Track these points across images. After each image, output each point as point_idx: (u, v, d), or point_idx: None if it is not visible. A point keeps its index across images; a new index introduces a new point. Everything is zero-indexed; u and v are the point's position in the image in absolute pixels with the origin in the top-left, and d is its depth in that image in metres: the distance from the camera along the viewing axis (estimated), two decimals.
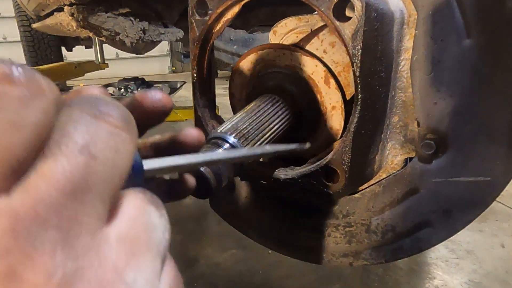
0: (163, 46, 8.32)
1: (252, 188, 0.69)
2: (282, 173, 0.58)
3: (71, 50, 4.45)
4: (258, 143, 0.50)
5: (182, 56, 1.82)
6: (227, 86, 0.66)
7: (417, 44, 0.50)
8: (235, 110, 0.65)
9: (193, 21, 0.58)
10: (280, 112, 0.54)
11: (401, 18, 0.49)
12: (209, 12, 0.56)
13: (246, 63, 0.60)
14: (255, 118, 0.51)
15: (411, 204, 0.56)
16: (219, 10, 0.55)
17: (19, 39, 4.46)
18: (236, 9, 0.57)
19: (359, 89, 0.48)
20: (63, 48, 4.37)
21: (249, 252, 2.38)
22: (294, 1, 0.49)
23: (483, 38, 0.46)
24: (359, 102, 0.48)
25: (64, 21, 1.92)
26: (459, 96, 0.49)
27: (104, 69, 3.91)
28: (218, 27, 0.59)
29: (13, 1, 4.26)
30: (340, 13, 0.46)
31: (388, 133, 0.54)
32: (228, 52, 1.56)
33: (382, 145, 0.54)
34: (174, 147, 0.34)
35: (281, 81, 0.57)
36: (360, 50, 0.45)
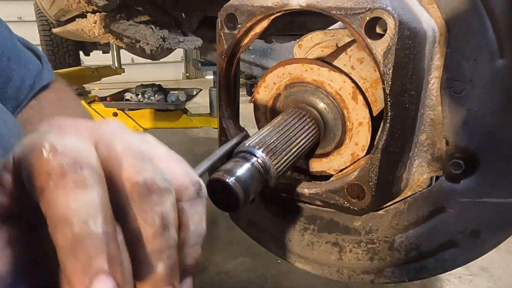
0: (178, 53, 8.43)
1: (273, 201, 0.69)
2: (306, 188, 0.58)
3: (88, 55, 4.54)
4: (285, 157, 0.50)
5: (200, 64, 1.86)
6: (242, 93, 0.66)
7: (449, 62, 0.50)
8: (259, 123, 0.65)
9: (222, 34, 0.58)
10: (306, 127, 0.54)
11: (433, 36, 0.49)
12: (238, 26, 0.56)
13: (273, 77, 0.60)
14: (282, 132, 0.52)
15: (436, 224, 0.55)
16: (248, 24, 0.56)
17: (37, 42, 4.58)
18: (265, 23, 0.57)
19: (389, 107, 0.47)
20: (81, 53, 4.46)
21: (258, 260, 2.38)
22: (314, 12, 0.50)
23: None
24: (388, 120, 0.48)
25: (86, 27, 1.96)
26: (490, 116, 0.49)
27: (120, 74, 3.98)
28: (246, 41, 0.59)
29: (34, 6, 4.37)
30: (371, 31, 0.46)
31: (416, 150, 0.54)
32: (245, 61, 1.57)
33: (409, 163, 0.54)
34: None
35: (308, 96, 0.57)
36: (392, 69, 0.45)
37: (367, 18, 0.46)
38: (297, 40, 0.71)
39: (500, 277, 2.21)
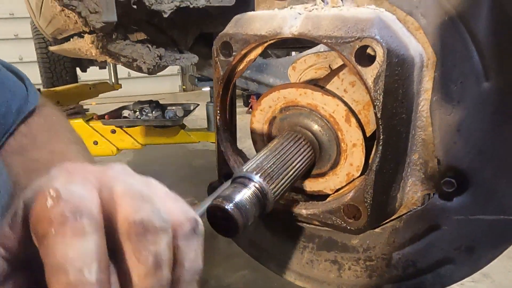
0: (174, 66, 8.48)
1: (273, 220, 0.70)
2: (304, 209, 0.59)
3: (85, 71, 4.57)
4: (282, 180, 0.52)
5: (196, 80, 1.87)
6: (239, 104, 0.67)
7: (437, 85, 0.51)
8: (256, 145, 0.67)
9: (218, 61, 0.60)
10: (302, 150, 0.56)
11: (421, 61, 0.51)
12: (233, 53, 0.58)
13: (268, 100, 0.62)
14: (278, 156, 0.53)
15: (432, 240, 0.57)
16: (243, 52, 0.58)
17: (34, 59, 4.59)
18: (259, 50, 0.59)
19: (381, 130, 0.49)
20: (77, 69, 4.49)
21: (259, 273, 2.36)
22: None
23: (502, 82, 0.47)
24: (380, 142, 0.50)
25: (83, 47, 1.98)
26: (479, 136, 0.50)
27: (117, 89, 4.00)
28: (241, 67, 0.61)
29: (31, 25, 4.41)
30: (361, 58, 0.48)
31: (409, 170, 0.55)
32: (242, 77, 1.59)
33: (403, 183, 0.55)
34: None
35: (302, 119, 0.59)
36: (382, 94, 0.47)
37: (357, 46, 0.47)
38: (292, 56, 0.73)
39: (502, 283, 2.21)
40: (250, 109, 5.73)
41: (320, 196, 0.63)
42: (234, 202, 0.45)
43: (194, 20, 1.84)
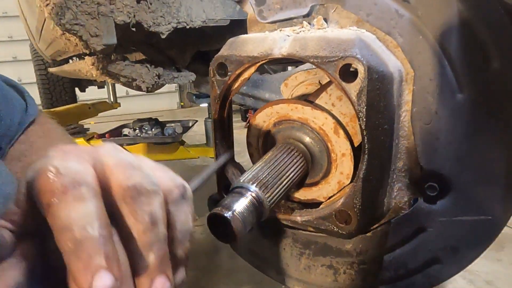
0: (172, 84, 8.55)
1: (270, 228, 0.74)
2: (299, 216, 0.63)
3: (84, 91, 4.62)
4: (277, 189, 0.56)
5: (194, 97, 1.94)
6: (237, 119, 0.72)
7: (416, 97, 0.56)
8: (252, 157, 0.71)
9: (214, 81, 0.65)
10: (295, 160, 0.60)
11: (400, 76, 0.56)
12: (229, 73, 0.63)
13: (262, 116, 0.66)
14: (273, 167, 0.57)
15: (420, 242, 0.60)
16: (237, 72, 0.63)
17: (33, 80, 4.65)
18: (252, 70, 0.64)
19: (366, 141, 0.53)
20: (76, 89, 4.55)
21: (262, 287, 2.36)
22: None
23: (474, 93, 0.52)
24: (366, 152, 0.54)
25: (83, 68, 2.03)
26: (457, 143, 0.55)
27: (116, 108, 4.06)
28: (236, 85, 0.66)
29: (30, 47, 4.48)
30: (345, 75, 0.53)
31: (395, 176, 0.60)
32: (238, 93, 1.64)
33: (389, 188, 0.60)
34: None
35: (295, 132, 0.63)
36: (365, 107, 0.52)
37: (340, 64, 0.52)
38: (286, 71, 0.78)
39: None
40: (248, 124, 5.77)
41: (315, 204, 0.67)
42: (232, 210, 0.49)
43: (191, 40, 1.90)
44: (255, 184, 0.53)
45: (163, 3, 1.47)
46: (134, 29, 1.46)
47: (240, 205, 0.50)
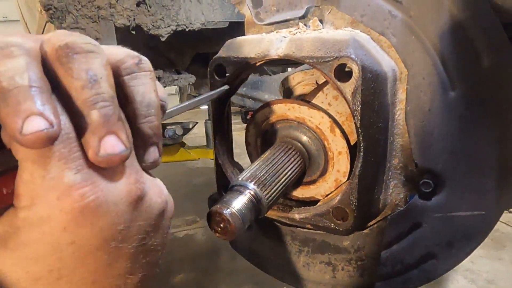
0: (172, 86, 8.57)
1: (269, 227, 0.75)
2: (297, 214, 0.64)
3: None
4: (275, 187, 0.57)
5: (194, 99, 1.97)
6: (238, 120, 0.73)
7: (410, 96, 0.57)
8: (251, 156, 0.72)
9: (213, 82, 0.66)
10: (292, 159, 0.61)
11: (394, 75, 0.57)
12: (227, 74, 0.64)
13: (260, 115, 0.67)
14: (271, 165, 0.59)
15: (416, 238, 0.62)
16: (235, 73, 0.64)
17: None
18: (250, 71, 0.65)
19: (361, 139, 0.55)
20: None
21: None
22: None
23: (465, 90, 0.53)
24: (361, 150, 0.55)
25: None
26: (450, 140, 0.56)
27: None
28: (234, 86, 0.67)
29: None
30: (340, 75, 0.54)
31: (390, 174, 0.61)
32: (238, 94, 1.66)
33: (385, 185, 0.61)
34: None
35: (292, 131, 0.64)
36: (360, 106, 0.53)
37: (335, 64, 0.54)
38: (285, 72, 0.80)
39: None
40: None
41: (313, 202, 0.68)
42: (231, 207, 0.50)
43: (190, 42, 1.92)
44: (253, 182, 0.54)
45: (162, 6, 1.48)
46: (134, 32, 1.47)
47: (239, 202, 0.52)
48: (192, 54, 2.02)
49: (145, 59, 0.34)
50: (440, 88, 0.55)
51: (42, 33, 2.48)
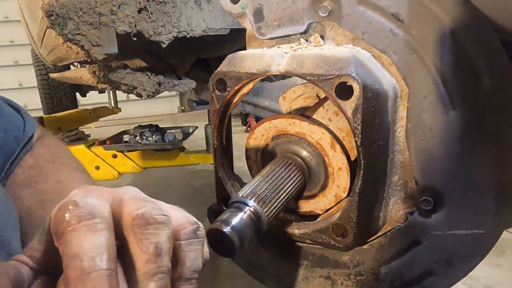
0: None
1: (269, 240, 0.75)
2: (296, 229, 0.64)
3: (85, 96, 4.65)
4: (275, 204, 0.57)
5: (195, 104, 1.96)
6: (238, 123, 0.73)
7: (410, 114, 0.57)
8: (251, 170, 0.72)
9: (214, 96, 0.66)
10: (292, 174, 0.62)
11: (394, 93, 0.57)
12: (228, 89, 0.64)
13: (261, 130, 0.68)
14: (271, 181, 0.59)
15: (415, 255, 0.62)
16: (236, 87, 0.64)
17: (34, 85, 4.66)
18: (251, 85, 0.66)
19: (361, 156, 0.55)
20: (77, 93, 4.56)
21: None
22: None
23: (466, 110, 0.53)
24: (361, 167, 0.55)
25: (84, 76, 2.05)
26: (450, 159, 0.56)
27: (117, 113, 4.08)
28: (235, 100, 0.67)
29: (31, 52, 4.50)
30: (341, 92, 0.54)
31: (390, 190, 0.61)
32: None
33: (385, 202, 0.61)
34: None
35: (292, 146, 0.64)
36: (360, 124, 0.53)
37: (336, 82, 0.54)
38: (285, 80, 0.80)
39: None
40: (249, 128, 5.84)
41: (312, 216, 0.68)
42: (231, 225, 0.50)
43: (190, 47, 1.92)
44: (253, 199, 0.54)
45: (163, 13, 1.49)
46: (135, 38, 1.47)
47: (238, 220, 0.52)
48: (192, 59, 2.03)
49: (201, 226, 0.38)
50: (441, 107, 0.55)
51: (43, 36, 2.45)
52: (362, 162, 0.55)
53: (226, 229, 0.50)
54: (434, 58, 0.54)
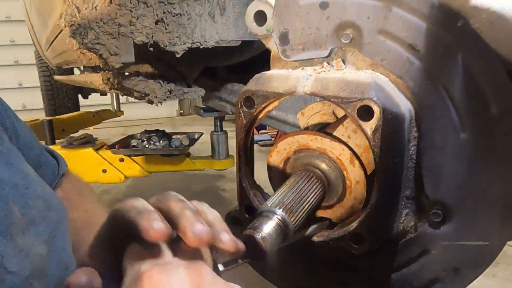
0: None
1: (286, 245, 0.80)
2: (315, 236, 0.70)
3: (87, 98, 4.67)
4: (300, 213, 0.63)
5: (202, 111, 2.01)
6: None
7: (424, 135, 0.63)
8: (271, 180, 0.78)
9: (241, 112, 0.72)
10: (314, 186, 0.67)
11: (410, 116, 0.63)
12: (255, 106, 0.70)
13: (284, 144, 0.73)
14: (296, 192, 0.64)
15: (424, 263, 0.67)
16: (263, 105, 0.70)
17: (33, 85, 4.68)
18: (276, 103, 0.71)
19: (379, 172, 0.60)
20: (79, 95, 4.59)
21: None
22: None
23: (475, 133, 0.59)
24: (379, 181, 0.61)
25: (96, 81, 2.10)
26: (459, 177, 0.62)
27: (119, 116, 4.13)
28: (260, 116, 0.73)
29: (35, 53, 4.53)
30: (362, 114, 0.60)
31: (403, 203, 0.66)
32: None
33: (398, 214, 0.66)
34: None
35: (314, 160, 0.70)
36: (379, 143, 0.59)
37: (358, 105, 0.60)
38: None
39: None
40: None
41: (332, 226, 0.74)
42: (262, 232, 0.56)
43: (200, 56, 1.98)
44: (281, 209, 0.60)
45: (179, 25, 1.55)
46: (151, 48, 1.53)
47: (269, 227, 0.57)
48: (201, 67, 2.08)
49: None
50: (452, 130, 0.61)
51: (53, 40, 2.49)
52: (379, 177, 0.61)
53: (259, 235, 0.55)
54: (446, 86, 0.60)
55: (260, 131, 6.41)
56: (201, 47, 1.52)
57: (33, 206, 0.52)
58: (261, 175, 0.85)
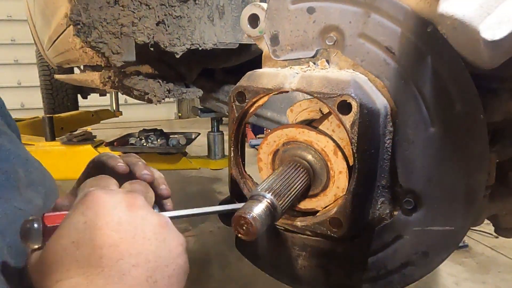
0: None
1: (273, 233, 0.87)
2: (299, 222, 0.76)
3: (86, 98, 4.72)
4: (287, 198, 0.69)
5: (199, 111, 2.07)
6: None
7: (397, 129, 0.70)
8: (261, 171, 0.84)
9: (233, 106, 0.79)
10: (300, 175, 0.73)
11: (385, 111, 0.70)
12: (246, 100, 0.77)
13: (273, 136, 0.80)
14: (283, 180, 0.70)
15: (398, 247, 0.74)
16: (253, 100, 0.76)
17: (33, 84, 4.72)
18: (265, 98, 0.78)
19: (356, 162, 0.67)
20: (78, 95, 4.64)
21: None
22: None
23: (442, 128, 0.66)
24: (356, 171, 0.68)
25: (96, 80, 2.16)
26: (428, 168, 0.68)
27: (118, 116, 4.19)
28: (251, 110, 0.80)
29: (36, 53, 4.58)
30: (342, 109, 0.67)
31: (379, 192, 0.73)
32: None
33: (374, 201, 0.73)
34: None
35: (301, 152, 0.76)
36: (357, 135, 0.66)
37: (338, 100, 0.66)
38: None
39: None
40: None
41: (313, 213, 0.80)
42: (253, 212, 0.62)
43: (199, 57, 2.05)
44: (270, 193, 0.66)
45: (179, 26, 1.62)
46: (152, 48, 1.60)
47: (259, 208, 0.63)
48: (199, 69, 2.15)
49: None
50: (422, 125, 0.68)
51: (56, 39, 2.55)
52: (356, 167, 0.67)
53: (250, 216, 0.61)
54: (418, 85, 0.67)
55: (257, 136, 6.48)
56: (200, 48, 1.59)
57: (32, 172, 0.69)
58: (259, 179, 0.92)
